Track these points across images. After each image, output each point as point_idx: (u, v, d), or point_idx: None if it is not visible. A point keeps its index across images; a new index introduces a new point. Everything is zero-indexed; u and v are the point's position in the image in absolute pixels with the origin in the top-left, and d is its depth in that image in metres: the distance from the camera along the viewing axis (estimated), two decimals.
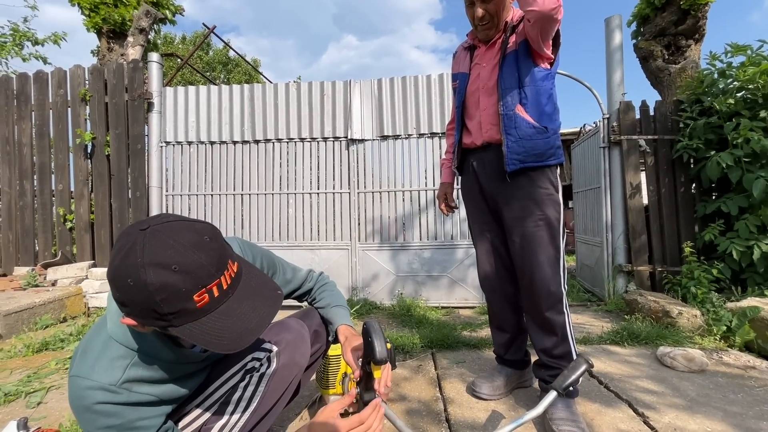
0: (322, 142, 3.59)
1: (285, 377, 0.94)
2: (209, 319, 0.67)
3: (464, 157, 1.66)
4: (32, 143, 3.80)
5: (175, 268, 0.63)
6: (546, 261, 1.41)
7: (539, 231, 1.42)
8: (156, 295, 0.62)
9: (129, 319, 0.68)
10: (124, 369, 0.74)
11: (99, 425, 0.71)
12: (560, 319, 1.43)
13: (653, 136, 3.24)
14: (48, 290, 3.14)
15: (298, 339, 0.97)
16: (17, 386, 1.78)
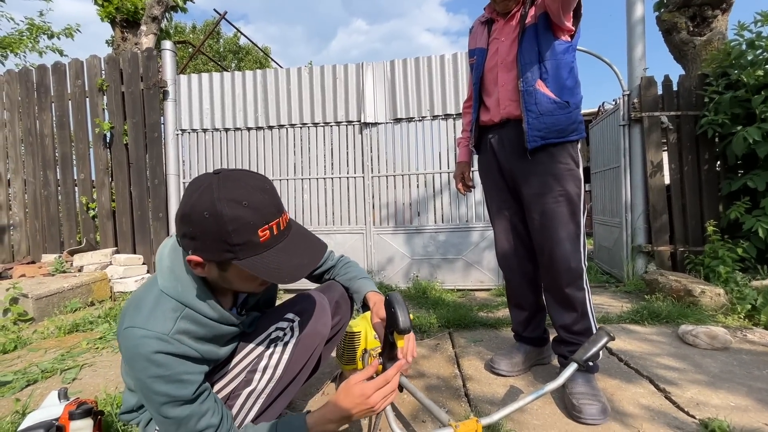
0: (335, 126, 3.59)
1: (308, 346, 0.96)
2: (269, 254, 0.77)
3: (482, 134, 1.64)
4: (53, 134, 3.89)
5: (245, 203, 0.73)
6: (566, 237, 1.40)
7: (559, 207, 1.40)
8: (228, 225, 0.72)
9: (195, 257, 0.76)
10: (175, 321, 0.80)
11: (150, 374, 0.76)
12: (580, 296, 1.42)
13: (676, 113, 3.13)
14: (75, 276, 3.26)
15: (320, 309, 0.99)
16: (52, 364, 1.86)
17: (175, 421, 0.78)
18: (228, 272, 0.80)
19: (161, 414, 0.78)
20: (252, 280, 0.84)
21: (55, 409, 1.04)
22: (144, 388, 0.77)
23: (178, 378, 0.78)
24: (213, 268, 0.80)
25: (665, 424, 1.23)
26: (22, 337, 2.29)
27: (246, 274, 0.79)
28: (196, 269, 0.80)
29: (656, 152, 3.14)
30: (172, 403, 0.77)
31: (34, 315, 2.65)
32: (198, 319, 0.83)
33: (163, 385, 0.76)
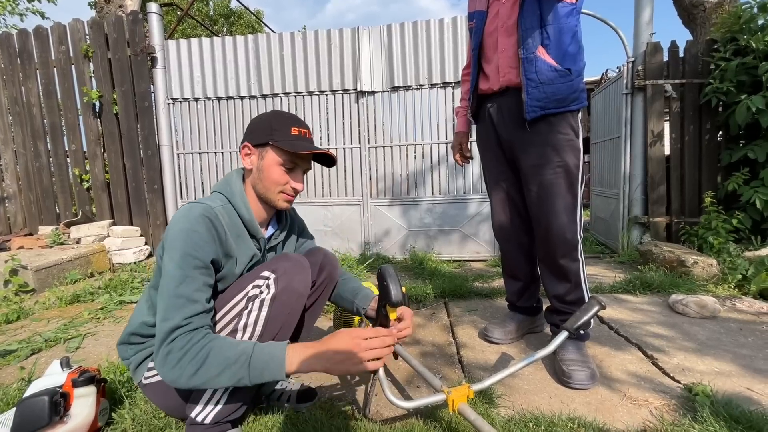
0: (330, 95, 3.49)
1: (285, 303, 0.96)
2: (293, 141, 1.04)
3: (480, 103, 1.60)
4: (41, 103, 3.78)
5: (289, 115, 1.08)
6: (563, 209, 1.39)
7: (557, 179, 1.39)
8: (274, 119, 1.05)
9: (247, 143, 1.06)
10: (220, 204, 1.02)
11: (181, 227, 0.90)
12: (574, 266, 1.43)
13: (681, 81, 3.05)
14: (73, 248, 3.27)
15: (297, 267, 1.00)
16: (56, 333, 1.90)
17: (174, 281, 0.87)
18: (264, 159, 1.04)
19: (169, 267, 0.88)
20: (276, 170, 1.04)
21: (58, 377, 1.06)
22: (168, 243, 0.90)
23: (196, 255, 0.89)
24: (256, 156, 1.06)
25: (651, 389, 1.28)
26: (25, 307, 2.32)
27: (274, 162, 1.03)
28: (245, 160, 1.07)
29: (658, 122, 3.09)
30: (180, 264, 0.87)
31: (35, 286, 2.68)
32: (234, 215, 1.04)
33: (180, 242, 0.88)
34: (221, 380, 0.83)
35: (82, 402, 1.04)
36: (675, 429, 1.05)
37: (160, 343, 0.85)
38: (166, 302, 0.86)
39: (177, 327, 0.84)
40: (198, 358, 0.83)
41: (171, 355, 0.83)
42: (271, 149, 1.04)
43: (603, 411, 1.17)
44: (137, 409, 1.17)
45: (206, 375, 0.83)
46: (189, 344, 0.83)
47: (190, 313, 0.86)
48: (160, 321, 0.86)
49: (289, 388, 1.25)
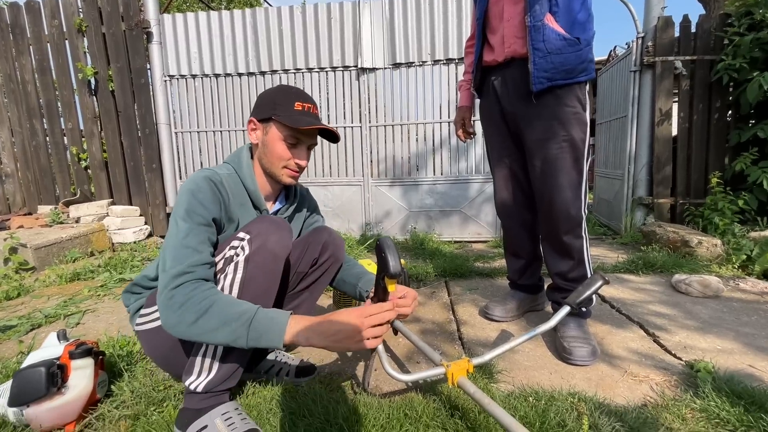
0: (330, 72, 3.40)
1: (260, 264, 0.93)
2: (297, 116, 1.03)
3: (484, 76, 1.54)
4: (35, 80, 3.70)
5: (295, 89, 1.07)
6: (567, 184, 1.36)
7: (562, 153, 1.35)
8: (279, 93, 1.06)
9: (253, 118, 1.07)
10: (227, 172, 1.05)
11: (187, 187, 0.95)
12: (578, 243, 1.40)
13: (692, 57, 2.96)
14: (73, 227, 3.25)
15: (272, 227, 0.97)
16: (56, 309, 1.90)
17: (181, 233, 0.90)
18: (268, 134, 1.05)
19: (176, 222, 0.92)
20: (279, 145, 1.04)
21: (55, 349, 1.05)
22: (176, 203, 0.95)
23: (198, 212, 0.93)
24: (260, 130, 1.07)
25: (652, 366, 1.27)
26: (25, 285, 2.33)
27: (277, 137, 1.04)
28: (251, 134, 1.09)
29: (666, 100, 3.01)
30: (185, 218, 0.91)
31: (35, 264, 2.68)
32: (239, 184, 1.07)
33: (186, 199, 0.93)
34: (218, 335, 0.83)
35: (79, 374, 1.03)
36: (676, 404, 1.04)
37: (164, 287, 0.86)
38: (172, 252, 0.89)
39: (183, 273, 0.86)
40: (200, 307, 0.83)
41: (174, 299, 0.84)
42: (275, 124, 1.04)
43: (603, 387, 1.17)
44: (136, 381, 1.17)
45: (205, 326, 0.83)
46: (193, 292, 0.85)
47: (195, 262, 0.88)
48: (165, 270, 0.87)
49: (288, 363, 1.25)
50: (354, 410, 0.98)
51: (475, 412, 0.98)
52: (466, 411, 1.00)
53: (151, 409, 1.05)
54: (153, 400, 1.09)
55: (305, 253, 1.18)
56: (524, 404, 1.02)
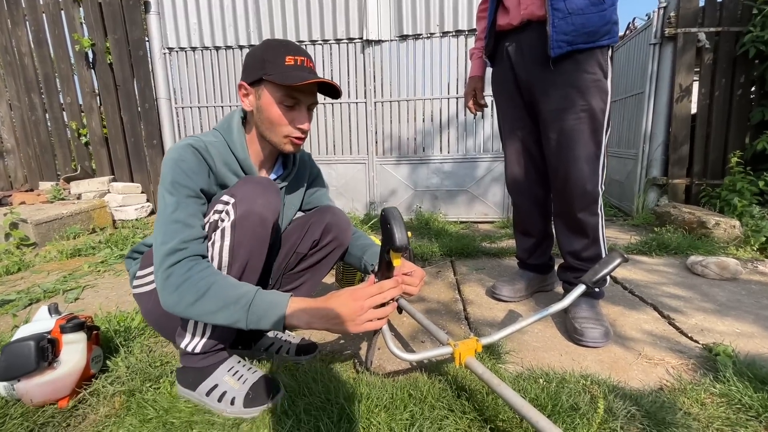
0: (335, 44, 3.27)
1: (247, 228, 0.88)
2: (286, 72, 0.91)
3: (498, 42, 1.44)
4: (32, 52, 3.61)
5: (285, 43, 0.95)
6: (584, 157, 1.27)
7: (580, 124, 1.26)
8: (268, 51, 0.93)
9: (242, 82, 0.96)
10: (214, 139, 0.97)
11: (171, 156, 0.88)
12: (593, 221, 1.33)
13: (716, 29, 2.79)
14: (74, 203, 3.22)
15: (258, 189, 0.90)
16: (55, 285, 1.88)
17: (169, 207, 0.85)
18: (261, 98, 0.94)
19: (163, 196, 0.86)
20: (274, 110, 0.94)
21: (45, 323, 1.01)
22: (161, 176, 0.88)
23: (187, 170, 0.87)
24: (253, 95, 0.96)
25: (668, 349, 1.21)
26: (25, 260, 2.30)
27: (271, 100, 0.93)
28: (243, 101, 0.98)
29: (687, 75, 2.86)
30: (171, 191, 0.86)
31: (35, 240, 2.66)
32: (228, 152, 0.98)
33: (169, 170, 0.87)
34: (218, 317, 0.81)
35: (72, 348, 0.99)
36: (695, 388, 0.99)
37: (159, 265, 0.83)
38: (162, 228, 0.85)
39: (175, 250, 0.82)
40: (198, 289, 0.81)
41: (170, 280, 0.81)
42: (266, 86, 0.93)
43: (617, 369, 1.11)
44: (133, 357, 1.14)
45: (204, 308, 0.80)
46: (190, 272, 0.82)
47: (186, 237, 0.84)
48: (158, 246, 0.84)
49: (289, 341, 1.21)
50: (356, 390, 0.93)
51: (483, 393, 0.94)
52: (473, 392, 0.95)
53: (147, 385, 1.02)
54: (149, 376, 1.06)
55: (305, 233, 1.12)
56: (534, 386, 0.97)
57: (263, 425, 0.87)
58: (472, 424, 0.86)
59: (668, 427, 0.86)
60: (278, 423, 0.86)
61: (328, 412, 0.87)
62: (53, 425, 0.91)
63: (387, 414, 0.87)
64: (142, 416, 0.90)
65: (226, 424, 0.88)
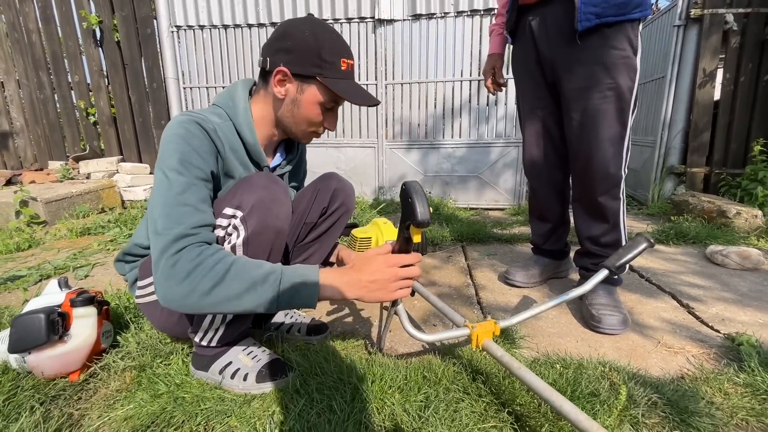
0: (346, 23, 3.18)
1: (263, 244, 0.82)
2: (344, 82, 0.87)
3: (520, 17, 1.37)
4: (39, 29, 3.57)
5: (335, 35, 0.86)
6: (608, 138, 1.22)
7: (605, 104, 1.20)
8: (325, 43, 0.83)
9: (284, 68, 0.83)
10: (219, 120, 0.86)
11: (172, 132, 0.78)
12: (614, 205, 1.28)
13: (745, 10, 2.66)
14: (83, 183, 3.22)
15: (267, 195, 0.81)
16: (65, 262, 1.88)
17: (176, 187, 0.74)
18: (304, 93, 0.86)
19: (166, 175, 0.75)
20: (315, 109, 0.88)
21: (56, 296, 1.00)
22: (162, 151, 0.77)
23: (198, 148, 0.78)
24: (293, 86, 0.86)
25: (687, 337, 1.18)
26: (36, 237, 2.31)
27: (315, 99, 0.87)
28: (277, 87, 0.86)
29: (712, 59, 2.75)
30: (180, 170, 0.75)
31: (45, 218, 2.66)
32: (235, 135, 0.88)
33: (178, 147, 0.76)
34: (243, 301, 0.70)
35: (82, 322, 0.98)
36: (718, 377, 0.95)
37: (161, 252, 0.70)
38: (166, 211, 0.72)
39: (184, 235, 0.70)
40: (215, 273, 0.69)
41: (179, 266, 0.68)
42: (317, 86, 0.86)
43: (635, 357, 1.08)
44: (143, 334, 1.13)
45: (224, 294, 0.69)
46: (202, 256, 0.70)
47: (197, 222, 0.72)
48: (159, 232, 0.71)
49: (300, 320, 1.19)
50: (369, 370, 0.91)
51: (500, 376, 0.91)
52: (489, 375, 0.92)
53: (158, 361, 1.01)
54: (159, 352, 1.05)
55: (314, 202, 1.09)
56: (551, 371, 0.94)
57: (275, 402, 0.85)
58: (488, 407, 0.84)
59: (691, 416, 0.83)
60: (291, 401, 0.84)
61: (341, 392, 0.85)
62: (64, 398, 0.91)
63: (401, 395, 0.85)
64: (153, 391, 0.89)
65: (237, 400, 0.87)
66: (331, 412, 0.80)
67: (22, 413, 0.82)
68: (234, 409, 0.84)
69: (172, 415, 0.83)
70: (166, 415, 0.83)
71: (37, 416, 0.82)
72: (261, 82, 0.92)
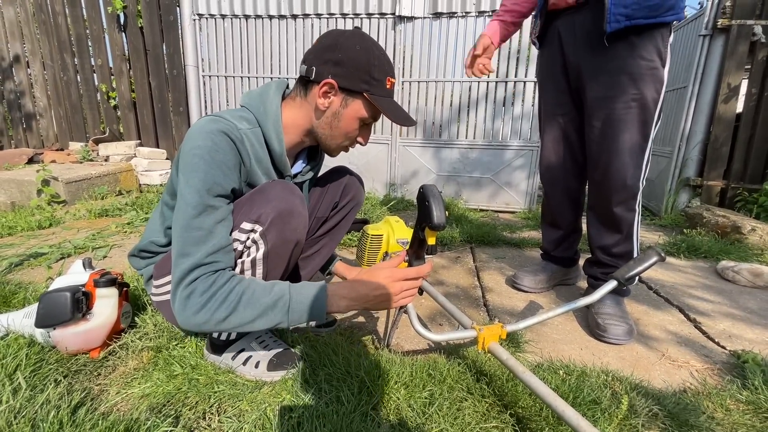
0: (366, 19, 3.19)
1: (282, 255, 0.85)
2: (387, 100, 0.89)
3: (548, 22, 1.34)
4: (65, 12, 3.64)
5: (384, 54, 0.88)
6: (628, 149, 1.21)
7: (628, 114, 1.18)
8: (374, 60, 0.85)
9: (331, 80, 0.83)
10: (248, 127, 0.85)
11: (197, 144, 0.76)
12: (629, 217, 1.28)
13: None
14: (102, 165, 3.30)
15: (285, 213, 0.81)
16: (84, 242, 1.94)
17: (192, 209, 0.74)
18: (348, 108, 0.87)
19: (187, 190, 0.75)
20: (354, 124, 0.90)
21: (80, 276, 1.05)
22: (184, 162, 0.76)
23: (222, 164, 0.77)
24: (338, 99, 0.87)
25: (692, 351, 1.18)
26: (56, 216, 2.38)
27: (357, 114, 0.88)
28: (321, 98, 0.86)
29: (737, 73, 2.70)
30: (199, 189, 0.74)
31: (65, 198, 2.74)
32: (262, 142, 0.87)
33: (201, 162, 0.75)
34: (255, 325, 0.76)
35: (104, 302, 1.03)
36: (721, 393, 0.96)
37: (177, 282, 0.74)
38: (182, 234, 0.75)
39: (198, 265, 0.73)
40: (228, 303, 0.73)
41: (193, 300, 0.73)
42: (362, 100, 0.87)
43: (639, 368, 1.09)
44: (159, 316, 1.17)
45: (238, 320, 0.74)
46: (214, 287, 0.73)
47: (212, 249, 0.74)
48: (177, 255, 0.75)
49: None
50: (376, 365, 0.94)
51: (503, 379, 0.93)
52: (493, 377, 0.95)
53: (173, 343, 1.05)
54: (175, 335, 1.09)
55: (324, 196, 1.12)
56: (554, 377, 0.96)
57: (284, 390, 0.89)
58: (491, 408, 0.86)
59: (691, 429, 0.84)
60: (300, 389, 0.87)
61: (348, 384, 0.88)
62: (85, 373, 0.95)
63: (407, 391, 0.88)
64: (168, 372, 0.93)
65: (248, 385, 0.91)
66: (338, 402, 0.83)
67: (48, 385, 0.87)
68: (245, 394, 0.88)
69: (187, 395, 0.87)
70: (180, 395, 0.87)
71: (61, 389, 0.86)
72: (299, 89, 0.90)
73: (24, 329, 1.01)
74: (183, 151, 0.79)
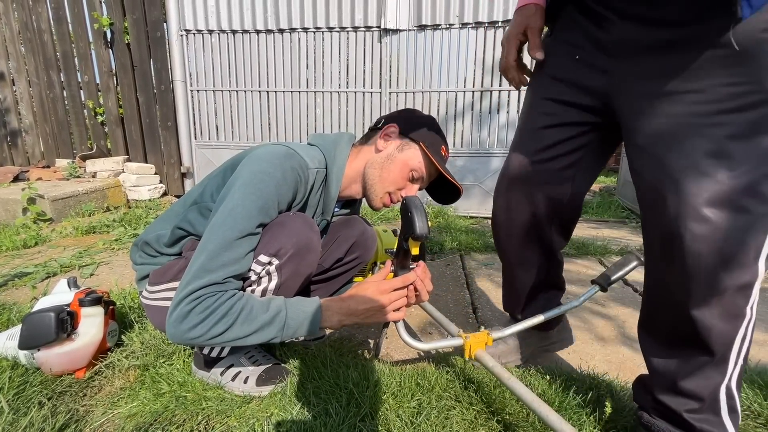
0: (352, 32, 3.24)
1: (291, 287, 0.88)
2: (440, 160, 0.96)
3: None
4: (51, 29, 3.63)
5: (443, 133, 1.02)
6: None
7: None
8: (436, 128, 0.99)
9: (394, 124, 0.96)
10: (317, 164, 0.92)
11: (260, 169, 0.80)
12: (729, 328, 0.68)
13: None
14: (89, 181, 3.27)
15: (303, 249, 0.84)
16: (71, 260, 1.92)
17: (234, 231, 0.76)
18: (403, 152, 0.95)
19: (238, 210, 0.77)
20: (405, 172, 0.96)
21: (65, 295, 1.04)
22: (246, 180, 0.79)
23: (281, 198, 0.82)
24: (396, 142, 0.96)
25: None
26: (42, 234, 2.36)
27: (409, 162, 0.95)
28: (382, 139, 0.95)
29: None
30: (251, 215, 0.78)
31: (52, 216, 2.71)
32: (323, 186, 0.95)
33: (265, 190, 0.79)
34: (250, 340, 0.78)
35: (89, 321, 1.02)
36: None
37: (183, 294, 0.74)
38: (216, 250, 0.75)
39: (214, 283, 0.75)
40: (226, 320, 0.75)
41: (191, 317, 0.73)
42: (419, 149, 0.95)
43: (624, 370, 1.11)
44: (147, 333, 1.17)
45: (234, 335, 0.76)
46: (216, 304, 0.74)
47: (232, 273, 0.77)
48: (199, 268, 0.75)
49: None
50: (365, 376, 0.95)
51: (490, 386, 0.94)
52: (480, 385, 0.96)
53: (161, 361, 1.04)
54: (162, 352, 1.08)
55: (330, 248, 1.11)
56: (541, 382, 0.98)
57: (273, 404, 0.88)
58: (478, 416, 0.87)
59: None
60: (289, 403, 0.87)
61: (337, 396, 0.88)
62: (71, 394, 0.94)
63: (395, 401, 0.88)
64: (156, 390, 0.93)
65: (236, 401, 0.90)
66: (327, 415, 0.83)
67: (31, 407, 0.85)
68: (234, 410, 0.87)
69: (174, 413, 0.87)
70: (168, 413, 0.87)
71: (45, 411, 0.85)
72: (365, 139, 1.02)
73: (7, 351, 1.00)
74: (249, 168, 0.81)
